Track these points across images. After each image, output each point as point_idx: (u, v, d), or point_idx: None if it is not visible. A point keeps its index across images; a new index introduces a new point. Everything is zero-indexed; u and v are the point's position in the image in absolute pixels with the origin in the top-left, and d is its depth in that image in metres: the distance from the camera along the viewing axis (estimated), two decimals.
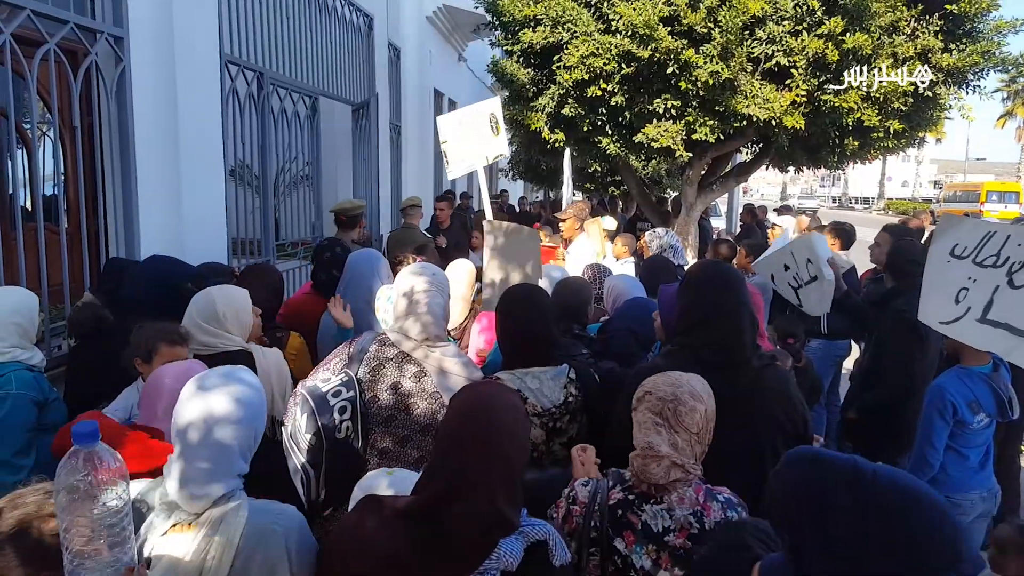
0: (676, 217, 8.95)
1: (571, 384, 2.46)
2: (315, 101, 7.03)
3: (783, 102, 6.46)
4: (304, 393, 2.18)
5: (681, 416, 1.79)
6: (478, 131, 4.78)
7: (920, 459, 3.24)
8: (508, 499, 1.42)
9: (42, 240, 3.73)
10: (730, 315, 2.22)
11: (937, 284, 3.17)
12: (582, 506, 1.79)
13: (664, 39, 6.34)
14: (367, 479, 1.88)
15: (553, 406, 2.40)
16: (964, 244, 3.09)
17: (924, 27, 6.57)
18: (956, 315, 3.04)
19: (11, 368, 2.65)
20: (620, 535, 1.75)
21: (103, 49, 4.04)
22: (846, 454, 1.37)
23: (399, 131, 9.97)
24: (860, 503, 1.25)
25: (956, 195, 35.36)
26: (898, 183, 64.54)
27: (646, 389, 1.85)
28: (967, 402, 3.14)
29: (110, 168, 4.20)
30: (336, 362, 2.37)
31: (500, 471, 1.43)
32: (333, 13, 7.35)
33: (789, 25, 6.44)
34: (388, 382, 2.30)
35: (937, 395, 3.17)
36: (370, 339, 2.39)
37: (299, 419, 2.16)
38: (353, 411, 2.19)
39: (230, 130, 5.27)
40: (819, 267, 4.04)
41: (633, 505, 1.77)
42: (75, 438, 1.25)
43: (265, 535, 1.56)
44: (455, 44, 13.61)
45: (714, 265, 2.48)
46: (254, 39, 5.64)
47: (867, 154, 8.12)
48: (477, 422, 1.47)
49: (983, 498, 3.27)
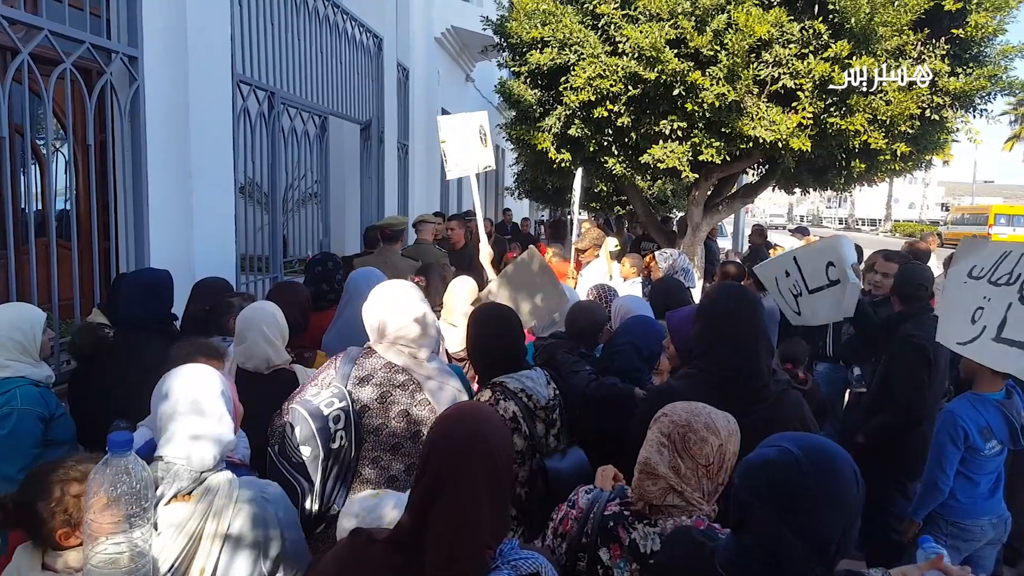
0: (682, 238, 8.96)
1: (551, 383, 2.69)
2: (324, 120, 7.10)
3: (789, 124, 6.48)
4: (297, 407, 2.21)
5: (689, 443, 1.76)
6: (472, 139, 4.85)
7: (930, 484, 3.22)
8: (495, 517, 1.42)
9: (54, 255, 3.77)
10: (747, 339, 2.22)
11: (954, 305, 3.15)
12: (579, 511, 1.80)
13: (671, 61, 6.39)
14: (353, 505, 1.90)
15: (548, 400, 2.59)
16: (981, 265, 3.08)
17: (931, 51, 6.60)
18: (972, 335, 3.00)
19: (16, 384, 2.67)
20: (606, 546, 1.75)
21: (118, 68, 4.11)
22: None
23: (406, 150, 10.04)
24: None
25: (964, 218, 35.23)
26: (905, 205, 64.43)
27: (665, 411, 1.84)
28: (979, 429, 3.12)
29: (122, 185, 4.25)
30: (324, 377, 2.41)
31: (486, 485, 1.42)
32: (343, 34, 7.45)
33: (795, 48, 6.48)
34: (377, 392, 2.34)
35: (949, 421, 3.15)
36: (356, 353, 2.44)
37: (291, 433, 2.18)
38: (346, 420, 2.23)
39: (241, 148, 5.34)
40: (843, 270, 3.86)
41: (626, 520, 1.76)
42: (110, 446, 1.41)
43: (256, 502, 1.77)
44: (463, 65, 13.75)
45: (731, 288, 2.48)
46: (266, 59, 5.72)
47: (874, 176, 8.13)
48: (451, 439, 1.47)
49: (993, 524, 3.25)
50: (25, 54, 3.47)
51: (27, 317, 2.79)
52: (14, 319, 2.75)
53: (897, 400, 3.81)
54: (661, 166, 7.03)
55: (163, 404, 1.78)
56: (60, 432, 2.79)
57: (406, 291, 2.50)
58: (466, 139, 4.82)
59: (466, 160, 4.84)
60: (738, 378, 2.18)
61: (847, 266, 3.88)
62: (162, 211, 4.39)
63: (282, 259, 6.20)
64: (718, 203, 8.92)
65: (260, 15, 5.65)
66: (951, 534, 3.25)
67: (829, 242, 4.09)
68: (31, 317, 2.80)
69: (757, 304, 2.35)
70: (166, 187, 4.42)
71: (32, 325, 2.77)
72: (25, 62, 3.48)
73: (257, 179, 5.83)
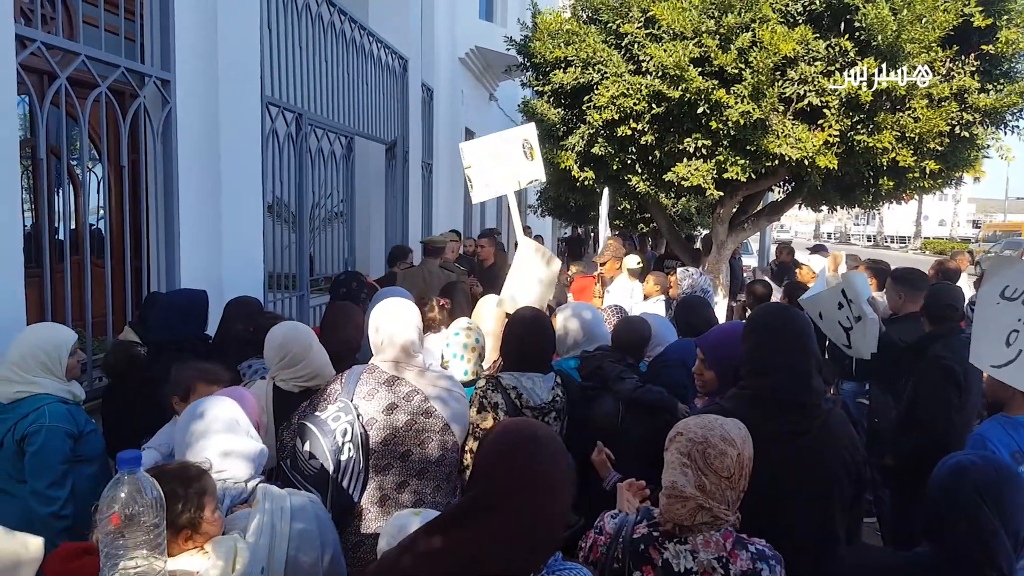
0: (707, 256, 8.89)
1: (557, 387, 2.91)
2: (350, 140, 7.19)
3: (815, 142, 6.43)
4: (305, 423, 2.31)
5: (710, 459, 1.76)
6: (510, 156, 4.80)
7: None
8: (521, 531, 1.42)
9: (88, 273, 3.84)
10: (799, 360, 2.22)
11: (988, 327, 3.08)
12: (607, 537, 1.79)
13: (694, 80, 6.38)
14: (397, 518, 1.91)
15: (543, 403, 2.81)
16: (1015, 286, 3.01)
17: (960, 67, 6.52)
18: (1008, 358, 2.94)
19: (45, 401, 2.71)
20: (639, 568, 1.73)
21: (151, 91, 4.20)
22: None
23: (430, 169, 10.13)
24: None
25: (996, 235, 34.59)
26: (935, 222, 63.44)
27: (679, 430, 1.83)
28: (1010, 452, 3.04)
29: (154, 205, 4.34)
30: (330, 393, 2.51)
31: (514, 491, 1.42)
32: (370, 56, 7.56)
33: (821, 66, 6.44)
34: (383, 404, 2.44)
35: (979, 444, 3.09)
36: (360, 368, 2.55)
37: (301, 447, 2.28)
38: (354, 433, 2.32)
39: (269, 169, 5.42)
40: (860, 306, 3.92)
41: (656, 541, 1.75)
42: (120, 464, 1.43)
43: (301, 502, 1.95)
44: (487, 84, 13.86)
45: (781, 308, 2.49)
46: (294, 82, 5.82)
47: (902, 194, 8.00)
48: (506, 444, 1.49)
49: None
50: (63, 79, 3.57)
51: (54, 338, 2.83)
52: (41, 340, 2.80)
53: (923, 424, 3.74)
54: (685, 184, 7.00)
55: (195, 425, 1.92)
56: (89, 448, 2.82)
57: (400, 304, 2.64)
58: (499, 158, 4.80)
59: (499, 179, 4.82)
60: (791, 399, 2.18)
61: (862, 302, 3.92)
62: (192, 230, 4.47)
63: (308, 277, 6.26)
64: (743, 221, 8.84)
65: (289, 38, 5.76)
66: None
67: (844, 279, 4.12)
68: (58, 338, 2.84)
69: (807, 324, 2.35)
70: (196, 207, 4.50)
71: (58, 346, 2.80)
72: (63, 86, 3.58)
73: (284, 198, 5.91)
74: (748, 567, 1.72)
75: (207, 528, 1.63)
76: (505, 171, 4.80)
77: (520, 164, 4.79)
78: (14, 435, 2.65)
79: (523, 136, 4.86)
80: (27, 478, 2.65)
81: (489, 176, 4.79)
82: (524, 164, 4.81)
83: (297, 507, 1.92)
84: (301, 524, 1.89)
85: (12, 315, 3.21)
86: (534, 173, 4.90)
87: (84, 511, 2.72)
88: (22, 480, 2.67)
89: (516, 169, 4.80)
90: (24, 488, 2.66)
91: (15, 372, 2.72)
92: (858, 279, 4.02)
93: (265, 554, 1.76)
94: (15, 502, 2.69)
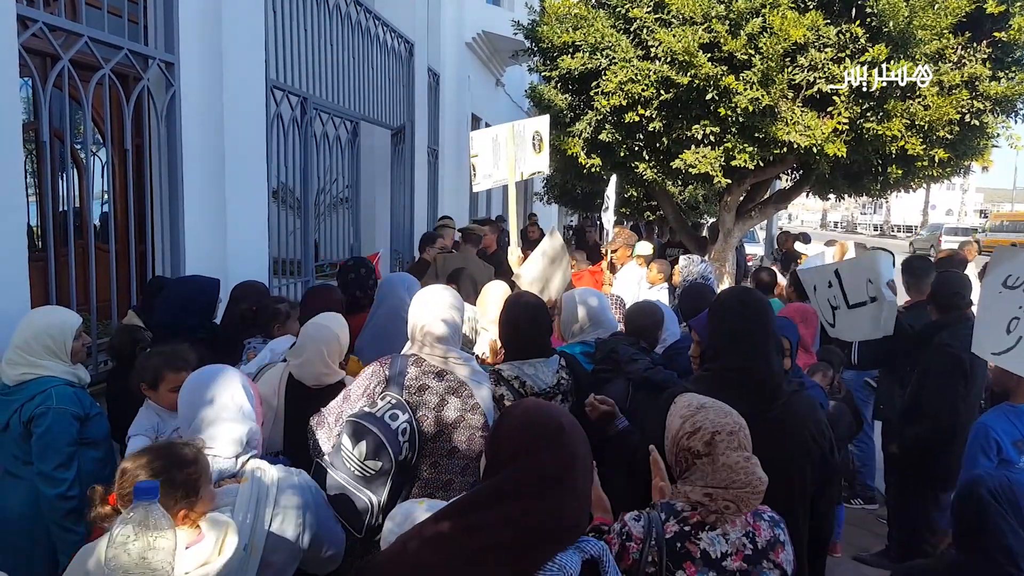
0: (713, 243, 8.86)
1: (562, 370, 2.87)
2: (356, 125, 7.16)
3: (824, 129, 6.37)
4: (361, 422, 2.20)
5: (748, 437, 1.83)
6: (518, 148, 4.78)
7: None
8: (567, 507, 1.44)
9: (92, 258, 3.84)
10: (756, 342, 2.25)
11: (989, 315, 3.12)
12: (638, 541, 1.75)
13: (704, 65, 6.32)
14: (398, 508, 1.91)
15: (548, 387, 2.79)
16: (1017, 275, 3.04)
17: (971, 55, 6.44)
18: (1007, 345, 2.99)
19: (52, 383, 2.72)
20: (681, 567, 1.73)
21: (155, 74, 4.18)
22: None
23: (436, 155, 10.09)
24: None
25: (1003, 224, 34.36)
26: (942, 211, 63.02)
27: (710, 431, 1.80)
28: (1012, 441, 3.06)
29: (158, 188, 4.33)
30: (374, 386, 2.39)
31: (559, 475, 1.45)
32: (375, 40, 7.51)
33: (831, 52, 6.37)
34: (433, 400, 2.37)
35: (981, 433, 3.11)
36: (404, 361, 2.44)
37: (353, 447, 2.18)
38: (411, 432, 2.26)
39: (274, 153, 5.40)
40: (880, 287, 3.84)
41: (690, 535, 1.75)
42: (137, 495, 1.45)
43: (287, 479, 1.96)
44: (493, 69, 13.77)
45: (741, 291, 2.52)
46: (299, 65, 5.78)
47: (911, 183, 7.94)
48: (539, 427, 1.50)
49: None
50: (65, 60, 3.54)
51: (59, 322, 2.82)
52: (47, 324, 2.79)
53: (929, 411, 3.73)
54: (693, 171, 6.95)
55: (193, 401, 1.99)
56: (95, 431, 2.84)
57: (448, 296, 2.56)
58: (506, 150, 4.77)
59: (502, 170, 4.81)
60: (749, 380, 2.21)
61: (883, 283, 3.85)
62: (197, 215, 4.45)
63: (314, 263, 6.25)
64: (751, 209, 8.80)
65: (293, 21, 5.71)
66: None
67: (867, 257, 4.09)
68: (63, 322, 2.83)
69: (765, 306, 2.37)
70: (201, 191, 4.48)
71: (63, 330, 2.80)
72: (65, 68, 3.56)
73: (290, 184, 5.89)
74: (770, 535, 1.78)
75: (201, 507, 1.69)
76: (510, 162, 4.78)
77: (526, 156, 4.78)
78: (20, 417, 2.66)
79: (536, 127, 4.84)
80: (34, 460, 2.65)
81: (493, 166, 4.78)
82: (530, 156, 4.80)
83: (285, 488, 1.93)
84: (285, 502, 1.91)
85: (17, 299, 3.20)
86: (538, 166, 4.89)
87: None
88: (29, 462, 2.68)
89: (521, 160, 4.79)
90: (31, 470, 2.67)
91: (20, 355, 2.72)
92: (882, 259, 3.94)
93: (248, 531, 1.78)
94: (22, 484, 2.70)
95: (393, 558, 1.53)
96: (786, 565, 1.77)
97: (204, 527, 1.69)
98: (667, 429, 1.92)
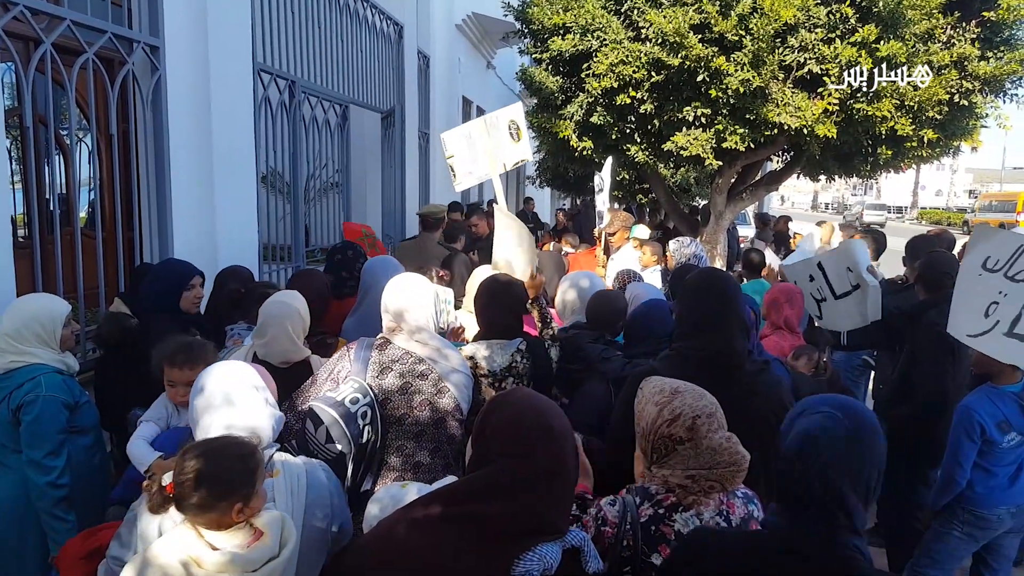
0: (705, 226, 8.87)
1: (519, 354, 2.88)
2: (345, 109, 7.10)
3: (815, 110, 6.37)
4: (322, 406, 2.20)
5: (723, 415, 1.83)
6: (494, 140, 4.72)
7: (947, 478, 3.23)
8: (559, 501, 1.46)
9: (79, 245, 3.81)
10: (721, 323, 2.28)
11: (968, 297, 3.13)
12: (612, 526, 1.75)
13: (694, 47, 6.29)
14: (383, 492, 1.93)
15: (499, 369, 2.81)
16: (996, 257, 3.04)
17: (960, 35, 6.44)
18: (984, 328, 3.01)
19: (41, 371, 2.70)
20: (656, 550, 1.72)
21: (140, 58, 4.12)
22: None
23: (427, 139, 10.03)
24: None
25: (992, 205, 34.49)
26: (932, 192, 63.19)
27: (691, 417, 1.78)
28: (996, 422, 3.11)
29: (145, 175, 4.28)
30: (338, 370, 2.42)
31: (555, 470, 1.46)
32: (364, 22, 7.43)
33: (822, 33, 6.35)
34: (399, 383, 2.39)
35: (965, 415, 3.15)
36: (368, 345, 2.47)
37: (315, 431, 2.19)
38: (372, 416, 2.27)
39: (262, 138, 5.35)
40: (860, 274, 3.90)
41: (664, 518, 1.75)
42: None
43: (313, 469, 1.97)
44: (484, 52, 13.67)
45: (709, 273, 2.55)
46: (286, 48, 5.72)
47: (900, 163, 7.97)
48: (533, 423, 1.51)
49: (1011, 514, 3.24)
50: (48, 44, 3.49)
51: (49, 310, 2.80)
52: (36, 311, 2.77)
53: (918, 390, 3.76)
54: (684, 153, 6.94)
55: (198, 399, 1.93)
56: (84, 419, 2.83)
57: (419, 282, 2.57)
58: (482, 144, 4.72)
59: (483, 165, 4.74)
60: (712, 358, 2.24)
61: (863, 270, 3.90)
62: (185, 200, 4.42)
63: (304, 248, 6.22)
64: (742, 191, 8.81)
65: (280, 3, 5.65)
66: (967, 521, 3.26)
67: (844, 246, 4.15)
68: (53, 310, 2.82)
69: (732, 288, 2.40)
70: (189, 177, 4.44)
71: (53, 318, 2.79)
72: (48, 52, 3.50)
73: (279, 168, 5.85)
74: (744, 512, 1.79)
75: (256, 502, 1.65)
76: (489, 155, 4.73)
77: (506, 147, 4.71)
78: (9, 405, 2.64)
79: (509, 117, 4.78)
80: (23, 448, 2.64)
81: (472, 163, 4.71)
82: (510, 146, 4.73)
83: (312, 475, 1.93)
84: (315, 492, 1.90)
85: (3, 288, 3.18)
86: (520, 154, 4.83)
87: (79, 481, 2.73)
88: (18, 450, 2.66)
89: (501, 152, 4.73)
90: (19, 459, 2.66)
91: (9, 343, 2.70)
92: (858, 247, 4.01)
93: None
94: (10, 472, 2.69)
95: (379, 540, 1.53)
96: None
97: (260, 524, 1.66)
98: (639, 417, 1.89)
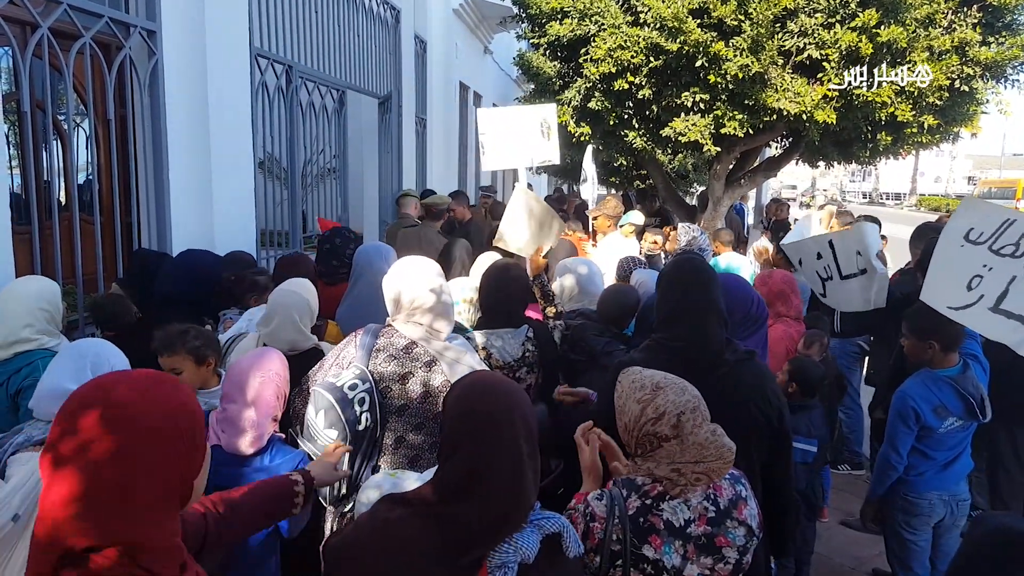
0: (702, 212, 8.86)
1: (528, 342, 2.89)
2: (342, 94, 7.07)
3: (814, 96, 6.35)
4: (321, 391, 2.19)
5: (706, 406, 1.82)
6: (526, 132, 4.71)
7: (883, 464, 3.21)
8: (523, 484, 1.44)
9: (77, 230, 3.80)
10: (698, 312, 2.26)
11: (948, 267, 3.05)
12: (601, 520, 1.74)
13: (693, 32, 6.27)
14: (371, 482, 1.92)
15: (513, 360, 2.84)
16: (980, 229, 2.98)
17: (962, 20, 6.41)
18: (967, 302, 2.93)
19: (39, 356, 2.70)
20: (647, 542, 1.72)
21: (136, 43, 4.10)
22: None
23: (424, 124, 9.98)
24: None
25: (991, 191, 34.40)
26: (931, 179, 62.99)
27: (675, 414, 1.77)
28: (932, 408, 3.07)
29: (143, 159, 4.27)
30: (344, 356, 2.38)
31: (513, 454, 1.44)
32: (361, 7, 7.38)
33: (822, 18, 6.33)
34: (400, 370, 2.33)
35: (900, 401, 3.13)
36: (375, 331, 2.41)
37: (315, 416, 2.18)
38: (371, 402, 2.23)
39: (259, 123, 5.33)
40: (869, 259, 3.84)
41: (652, 508, 1.75)
42: None
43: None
44: (481, 37, 13.58)
45: (685, 261, 2.51)
46: (283, 33, 5.69)
47: (900, 149, 7.96)
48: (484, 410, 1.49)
49: (943, 501, 3.18)
50: (44, 28, 3.47)
51: (49, 288, 2.85)
52: (40, 290, 2.80)
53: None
54: (683, 139, 6.93)
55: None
56: None
57: (424, 265, 2.47)
58: (515, 132, 4.70)
59: (514, 153, 4.72)
60: (690, 349, 2.23)
61: (872, 255, 3.85)
62: (182, 186, 4.40)
63: (301, 234, 6.21)
64: (740, 177, 8.80)
65: None
66: (902, 508, 3.23)
67: (856, 229, 4.06)
68: (52, 287, 2.87)
69: (709, 276, 2.37)
70: (186, 162, 4.43)
71: (54, 294, 2.84)
72: (45, 36, 3.48)
73: (276, 154, 5.83)
74: (732, 493, 1.79)
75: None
76: (519, 146, 4.72)
77: (536, 142, 4.72)
78: (8, 390, 2.65)
79: (543, 115, 4.79)
80: None
81: (503, 147, 4.70)
82: (541, 143, 4.75)
83: None
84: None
85: (1, 274, 3.18)
86: (549, 154, 4.83)
87: None
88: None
89: (531, 146, 4.73)
90: None
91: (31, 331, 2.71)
92: (869, 231, 3.93)
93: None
94: None
95: (369, 535, 1.51)
96: (750, 520, 1.77)
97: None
98: (621, 412, 1.87)
